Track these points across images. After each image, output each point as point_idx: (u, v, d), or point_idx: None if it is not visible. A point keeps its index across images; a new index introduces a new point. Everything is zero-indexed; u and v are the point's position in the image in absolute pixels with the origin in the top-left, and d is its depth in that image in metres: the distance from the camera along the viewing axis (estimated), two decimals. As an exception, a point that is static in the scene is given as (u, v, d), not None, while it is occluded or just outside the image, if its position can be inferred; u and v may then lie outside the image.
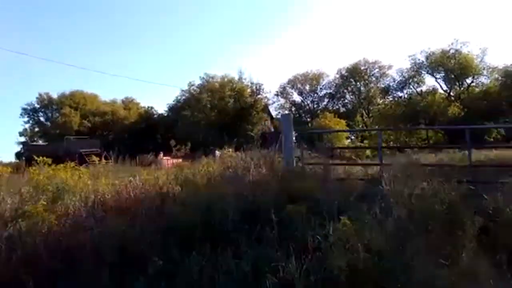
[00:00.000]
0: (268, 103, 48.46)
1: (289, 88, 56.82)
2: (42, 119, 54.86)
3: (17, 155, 44.76)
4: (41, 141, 49.45)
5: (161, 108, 59.24)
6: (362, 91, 54.07)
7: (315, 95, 56.52)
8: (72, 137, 39.85)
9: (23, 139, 52.99)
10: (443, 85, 44.79)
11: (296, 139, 9.75)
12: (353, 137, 39.22)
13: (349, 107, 55.17)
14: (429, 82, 45.57)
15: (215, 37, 78.95)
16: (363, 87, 53.95)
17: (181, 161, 18.75)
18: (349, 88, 54.89)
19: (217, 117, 42.05)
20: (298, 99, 57.43)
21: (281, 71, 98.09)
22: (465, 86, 43.94)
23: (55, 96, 53.68)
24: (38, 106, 54.13)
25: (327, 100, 56.20)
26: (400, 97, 48.02)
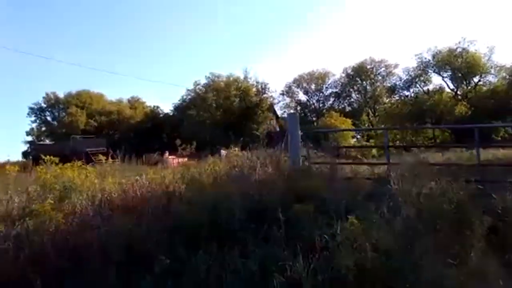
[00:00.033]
0: (273, 102, 48.61)
1: (295, 87, 56.64)
2: (49, 118, 55.41)
3: (24, 154, 44.97)
4: (48, 140, 49.80)
5: (167, 107, 59.47)
6: (368, 90, 53.75)
7: (321, 94, 56.35)
8: (78, 136, 40.14)
9: (30, 138, 53.52)
10: (450, 84, 44.63)
11: (302, 138, 9.69)
12: (359, 136, 39.14)
13: (355, 106, 54.94)
14: (436, 81, 45.40)
15: (222, 38, 79.09)
16: (369, 86, 53.63)
17: (186, 160, 18.73)
18: (355, 87, 54.61)
19: (222, 116, 42.17)
20: (303, 98, 57.26)
21: (287, 70, 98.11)
22: (472, 85, 43.68)
23: (62, 95, 54.25)
24: (45, 105, 54.66)
25: (333, 99, 56.06)
26: (406, 96, 47.86)
